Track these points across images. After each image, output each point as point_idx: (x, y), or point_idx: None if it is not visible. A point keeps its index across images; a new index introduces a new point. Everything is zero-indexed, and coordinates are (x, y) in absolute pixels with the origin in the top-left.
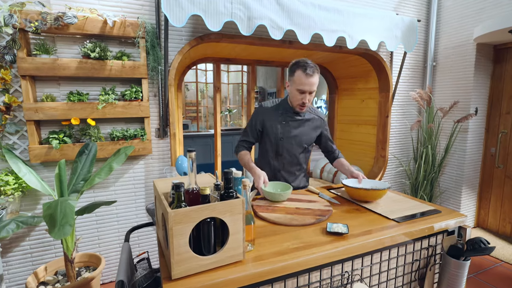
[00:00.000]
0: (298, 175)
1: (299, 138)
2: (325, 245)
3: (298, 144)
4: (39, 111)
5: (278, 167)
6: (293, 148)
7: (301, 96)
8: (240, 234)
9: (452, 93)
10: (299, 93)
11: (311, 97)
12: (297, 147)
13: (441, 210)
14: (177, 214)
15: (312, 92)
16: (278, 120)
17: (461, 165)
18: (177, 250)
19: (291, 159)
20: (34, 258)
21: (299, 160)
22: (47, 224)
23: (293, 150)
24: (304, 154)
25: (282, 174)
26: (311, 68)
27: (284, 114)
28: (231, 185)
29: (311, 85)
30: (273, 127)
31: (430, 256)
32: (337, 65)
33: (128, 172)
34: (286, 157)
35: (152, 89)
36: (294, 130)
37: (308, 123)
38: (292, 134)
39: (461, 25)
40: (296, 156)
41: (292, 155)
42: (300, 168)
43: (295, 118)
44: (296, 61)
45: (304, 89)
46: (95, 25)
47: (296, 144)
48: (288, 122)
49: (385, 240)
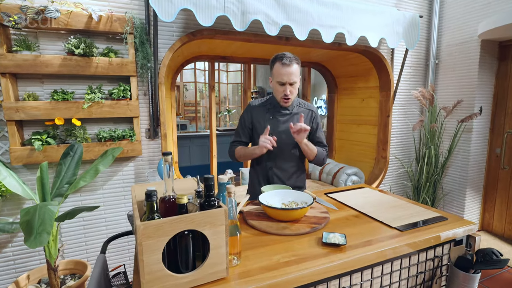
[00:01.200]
0: (293, 173)
1: (289, 133)
2: (320, 258)
3: (288, 139)
4: (20, 110)
5: (269, 165)
6: (283, 143)
7: (282, 89)
8: (223, 248)
9: (455, 91)
10: (279, 85)
11: (293, 88)
12: (286, 142)
13: (448, 217)
14: (147, 227)
15: (293, 84)
16: (266, 116)
17: (465, 166)
18: (148, 269)
19: (282, 155)
20: (17, 266)
21: (291, 156)
22: (23, 231)
23: (283, 145)
24: (298, 151)
25: (275, 172)
26: (288, 58)
27: (272, 109)
28: (213, 192)
29: (289, 75)
30: (261, 123)
31: (436, 267)
32: (337, 64)
33: (117, 174)
34: (276, 153)
35: (142, 88)
36: (282, 125)
37: (297, 117)
38: (281, 129)
39: (465, 21)
40: (286, 151)
41: (282, 150)
42: (294, 165)
43: (283, 113)
44: (274, 55)
45: (282, 80)
46: (79, 19)
47: (285, 138)
48: (276, 117)
49: (387, 252)
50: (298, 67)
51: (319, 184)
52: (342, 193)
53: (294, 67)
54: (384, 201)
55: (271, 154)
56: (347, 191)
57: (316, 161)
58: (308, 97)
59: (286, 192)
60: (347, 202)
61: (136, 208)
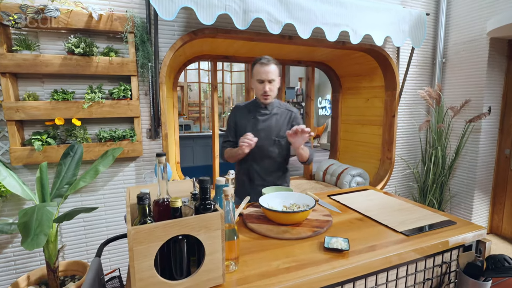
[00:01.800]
0: (272, 171)
1: (267, 131)
2: (322, 264)
3: (267, 137)
4: (20, 110)
5: (251, 163)
6: (261, 141)
7: (261, 86)
8: (219, 253)
9: (463, 91)
10: (259, 84)
11: (272, 86)
12: (265, 140)
13: (456, 221)
14: (139, 232)
15: (272, 81)
16: (248, 116)
17: (473, 167)
18: (139, 275)
19: (261, 153)
20: (18, 266)
21: (270, 154)
22: (21, 233)
23: (262, 143)
24: (277, 149)
25: (255, 168)
26: (266, 59)
27: (253, 110)
28: (208, 195)
29: (267, 73)
30: (243, 123)
31: (444, 274)
32: (341, 63)
33: (118, 175)
34: (255, 151)
35: (143, 87)
36: (261, 123)
37: (276, 117)
38: (260, 127)
39: (472, 19)
40: (265, 149)
41: (261, 148)
42: (273, 163)
43: (262, 113)
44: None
45: (261, 77)
46: (79, 18)
47: (264, 137)
48: (256, 117)
49: (392, 258)
50: (276, 68)
51: (323, 185)
52: (346, 195)
53: (272, 67)
54: (389, 204)
55: (251, 152)
56: (351, 193)
57: (309, 162)
58: (312, 97)
59: (287, 194)
60: (351, 204)
61: (129, 212)
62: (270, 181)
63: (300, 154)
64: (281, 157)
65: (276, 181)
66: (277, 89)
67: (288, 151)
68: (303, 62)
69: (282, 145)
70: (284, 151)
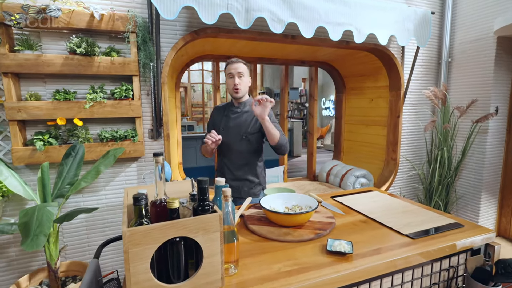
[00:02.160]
0: (242, 165)
1: (237, 128)
2: (324, 268)
3: (236, 134)
4: (22, 110)
5: (222, 159)
6: (231, 137)
7: (231, 80)
8: (218, 256)
9: (469, 91)
10: (229, 79)
11: (241, 80)
12: (235, 136)
13: (464, 223)
14: (134, 234)
15: (241, 76)
16: (222, 114)
17: (480, 169)
18: (135, 279)
19: (232, 147)
20: (20, 266)
21: (238, 150)
22: (21, 233)
23: (231, 140)
24: (245, 145)
25: (225, 163)
26: (234, 58)
27: (227, 109)
28: (207, 196)
29: (236, 68)
30: (217, 121)
31: (451, 278)
32: (345, 63)
33: (119, 175)
34: (226, 146)
35: (145, 87)
36: (232, 121)
37: (246, 114)
38: (231, 125)
39: (479, 17)
40: (234, 145)
41: (231, 144)
42: (242, 157)
43: (234, 111)
44: None
45: (231, 72)
46: (81, 18)
47: (234, 133)
48: (229, 115)
49: (397, 262)
50: (244, 66)
51: (326, 186)
52: (350, 196)
53: (240, 64)
54: (394, 205)
55: (223, 148)
56: (355, 194)
57: (280, 142)
58: (315, 98)
59: (289, 195)
60: (355, 206)
61: (126, 212)
62: (239, 176)
63: (266, 128)
64: (250, 152)
65: (247, 175)
66: (247, 85)
67: (259, 147)
68: (306, 62)
69: (251, 140)
70: (254, 147)
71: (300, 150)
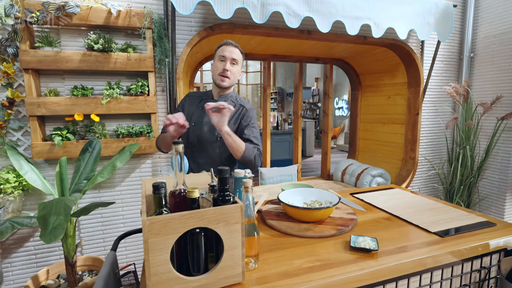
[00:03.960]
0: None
1: (212, 126)
2: (348, 264)
3: (210, 132)
4: (41, 106)
5: (190, 163)
6: (204, 135)
7: (222, 64)
8: (239, 249)
9: (493, 87)
10: (219, 61)
11: (234, 68)
12: (208, 135)
13: (496, 222)
14: (154, 223)
15: (234, 63)
16: (196, 105)
17: (505, 168)
18: (154, 270)
19: (201, 149)
20: (39, 260)
21: (210, 153)
22: (40, 226)
23: (204, 138)
24: (218, 148)
25: (193, 171)
26: (232, 41)
27: (204, 100)
28: (227, 186)
29: (231, 52)
30: (190, 110)
31: (483, 280)
32: (361, 60)
33: (135, 171)
34: (196, 145)
35: (160, 84)
36: (208, 116)
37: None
38: (205, 120)
39: (505, 9)
40: (206, 146)
41: (203, 143)
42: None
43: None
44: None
45: (224, 54)
46: (99, 15)
47: (207, 131)
48: (204, 108)
49: (426, 261)
50: (240, 54)
51: (342, 185)
52: (369, 193)
53: (237, 49)
54: (419, 203)
55: (191, 148)
56: (375, 191)
57: (244, 158)
58: (330, 95)
59: (308, 190)
60: (376, 203)
61: (144, 202)
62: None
63: (226, 140)
64: (223, 158)
65: None
66: (237, 76)
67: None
68: (321, 59)
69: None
70: (229, 152)
71: (313, 150)
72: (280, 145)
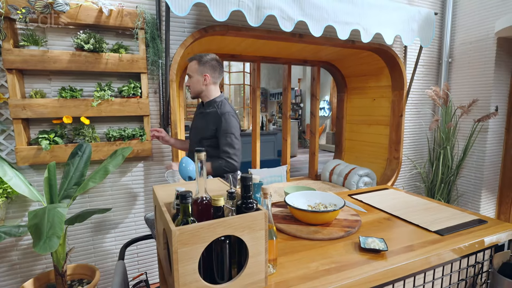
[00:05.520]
0: None
1: (197, 130)
2: (362, 265)
3: (196, 135)
4: (27, 108)
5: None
6: (193, 139)
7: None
8: (262, 255)
9: (469, 90)
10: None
11: (190, 81)
12: (194, 138)
13: (487, 220)
14: (184, 233)
15: (190, 76)
16: (196, 112)
17: (481, 167)
18: (183, 280)
19: (191, 152)
20: (23, 270)
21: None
22: (32, 235)
23: (193, 141)
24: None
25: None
26: (189, 58)
27: (199, 108)
28: (251, 193)
29: (188, 68)
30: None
31: (477, 274)
32: (347, 63)
33: (126, 175)
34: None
35: (152, 85)
36: (194, 122)
37: (206, 116)
38: (192, 125)
39: (481, 18)
40: (193, 145)
41: (192, 145)
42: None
43: (200, 111)
44: None
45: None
46: (89, 14)
47: (194, 135)
48: (196, 114)
49: (431, 259)
50: (194, 66)
51: (330, 185)
52: (366, 194)
53: (191, 63)
54: (414, 203)
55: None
56: (371, 192)
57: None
58: (317, 97)
59: (311, 193)
60: (374, 204)
61: (166, 211)
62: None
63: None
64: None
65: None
66: (197, 85)
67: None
68: (308, 62)
69: (204, 146)
70: (209, 154)
71: (296, 150)
72: (265, 146)
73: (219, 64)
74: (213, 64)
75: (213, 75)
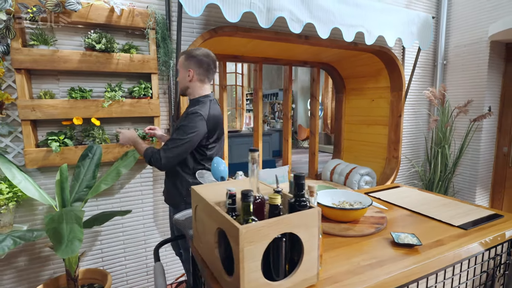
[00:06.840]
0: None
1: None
2: (400, 260)
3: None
4: (36, 109)
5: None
6: None
7: None
8: (315, 252)
9: (464, 92)
10: None
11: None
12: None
13: (503, 214)
14: (249, 231)
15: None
16: None
17: (475, 165)
18: (248, 277)
19: None
20: (30, 276)
21: None
22: (52, 240)
23: None
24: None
25: None
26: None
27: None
28: (303, 192)
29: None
30: None
31: (497, 266)
32: (346, 64)
33: (135, 177)
34: None
35: (162, 86)
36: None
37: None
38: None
39: (475, 22)
40: None
41: None
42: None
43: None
44: None
45: None
46: (100, 13)
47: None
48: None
49: (462, 252)
50: (181, 59)
51: (332, 184)
52: (381, 192)
53: (180, 58)
54: (430, 199)
55: None
56: (384, 190)
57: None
58: (317, 98)
59: (334, 192)
60: (393, 201)
61: (219, 210)
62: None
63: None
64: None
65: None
66: (182, 81)
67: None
68: (309, 63)
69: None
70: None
71: None
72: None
73: (209, 60)
74: (201, 59)
75: (198, 71)
